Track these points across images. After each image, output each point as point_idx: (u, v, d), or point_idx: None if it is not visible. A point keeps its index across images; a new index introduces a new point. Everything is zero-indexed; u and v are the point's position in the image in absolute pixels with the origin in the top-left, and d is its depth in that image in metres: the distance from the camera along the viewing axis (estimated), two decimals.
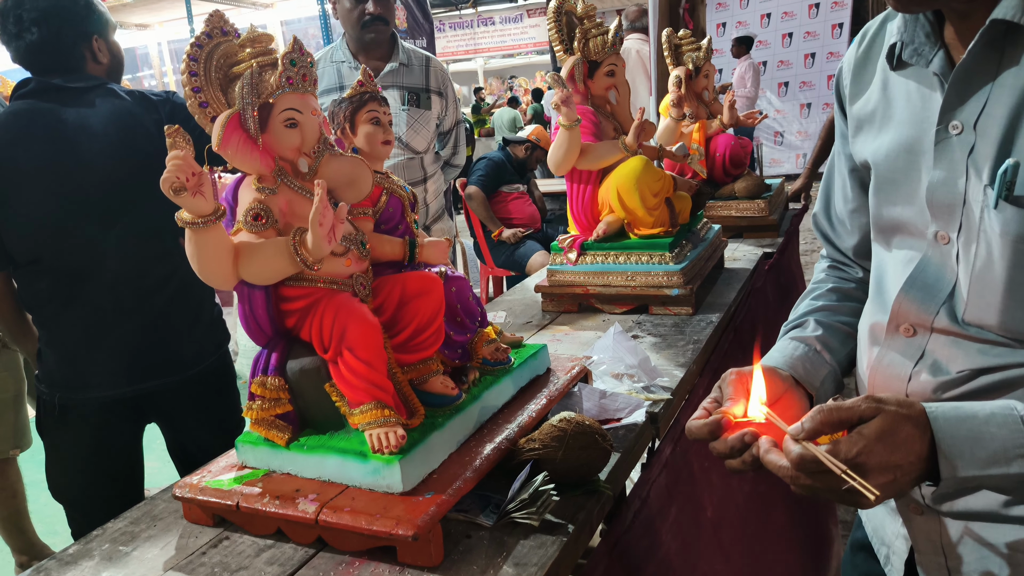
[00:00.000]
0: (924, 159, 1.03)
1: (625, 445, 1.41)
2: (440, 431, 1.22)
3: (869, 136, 1.15)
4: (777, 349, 1.22)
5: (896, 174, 1.08)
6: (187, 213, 1.10)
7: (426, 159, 3.12)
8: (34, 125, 1.99)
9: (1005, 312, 0.94)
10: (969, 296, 0.97)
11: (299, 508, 1.12)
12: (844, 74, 1.21)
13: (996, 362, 0.97)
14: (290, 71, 1.20)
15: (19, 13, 2.02)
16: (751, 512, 1.98)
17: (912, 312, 1.05)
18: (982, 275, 0.95)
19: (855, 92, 1.18)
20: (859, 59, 1.18)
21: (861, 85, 1.17)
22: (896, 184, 1.08)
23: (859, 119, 1.17)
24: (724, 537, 1.72)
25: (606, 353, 1.78)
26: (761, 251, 2.85)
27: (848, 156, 1.24)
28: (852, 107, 1.19)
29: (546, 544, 1.11)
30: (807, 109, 11.10)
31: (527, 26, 15.75)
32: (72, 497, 2.21)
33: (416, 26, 6.16)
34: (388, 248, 1.42)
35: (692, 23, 4.73)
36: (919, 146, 1.03)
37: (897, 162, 1.07)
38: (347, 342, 1.18)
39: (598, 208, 2.27)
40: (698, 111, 3.13)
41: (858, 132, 1.18)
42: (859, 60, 1.18)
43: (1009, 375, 0.96)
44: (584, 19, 2.19)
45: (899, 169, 1.07)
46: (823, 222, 1.36)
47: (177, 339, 2.18)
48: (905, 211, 1.07)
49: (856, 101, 1.18)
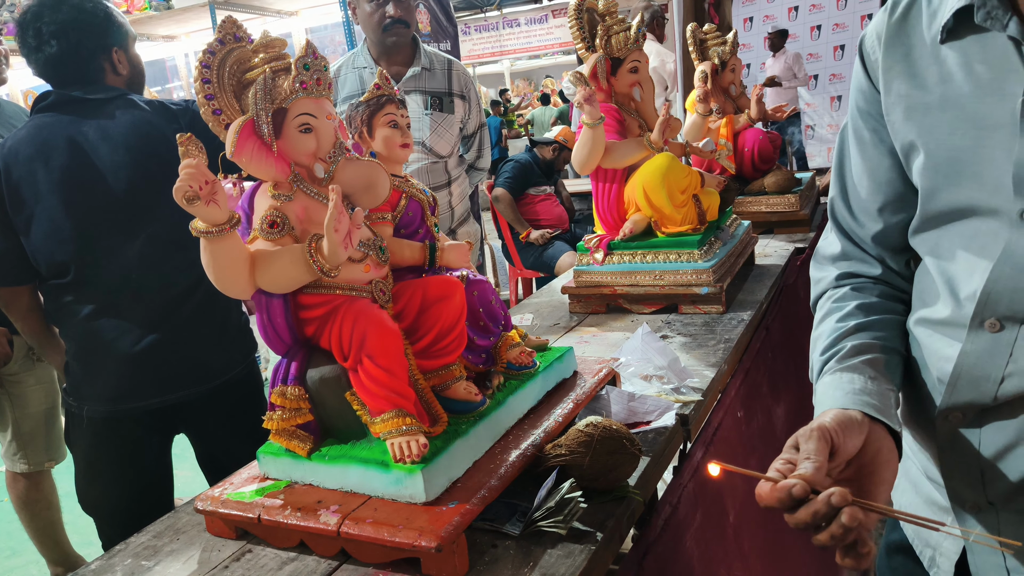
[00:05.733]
0: (999, 134, 0.94)
1: (655, 449, 1.38)
2: (464, 438, 1.19)
3: (916, 114, 1.05)
4: (831, 386, 1.03)
5: (961, 153, 0.99)
6: (201, 222, 1.09)
7: (450, 163, 3.10)
8: (55, 138, 1.99)
9: None
10: None
11: (321, 520, 1.10)
12: (872, 46, 1.11)
13: None
14: (304, 75, 1.18)
15: (39, 26, 2.02)
16: (771, 516, 1.93)
17: (1002, 304, 0.94)
18: None
19: (889, 65, 1.08)
20: (892, 29, 1.08)
21: (896, 58, 1.07)
22: (961, 164, 0.99)
23: (900, 96, 1.07)
24: (745, 542, 1.68)
25: (634, 354, 1.74)
26: (793, 246, 2.80)
27: (876, 134, 1.14)
28: (888, 82, 1.09)
29: (574, 553, 1.08)
30: (837, 102, 10.94)
31: (552, 26, 15.68)
32: (102, 509, 2.21)
33: (440, 30, 6.15)
34: (408, 253, 1.40)
35: (718, 18, 4.68)
36: (989, 120, 0.95)
37: (964, 140, 0.98)
38: (367, 349, 1.15)
39: (624, 207, 2.23)
40: (725, 106, 3.09)
41: (898, 110, 1.08)
42: (892, 30, 1.08)
43: None
44: (606, 16, 2.16)
45: (965, 148, 0.98)
46: (842, 210, 1.23)
47: (204, 349, 2.17)
48: (975, 193, 0.97)
49: (893, 75, 1.08)
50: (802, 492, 0.84)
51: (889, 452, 0.95)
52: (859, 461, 0.93)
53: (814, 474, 0.86)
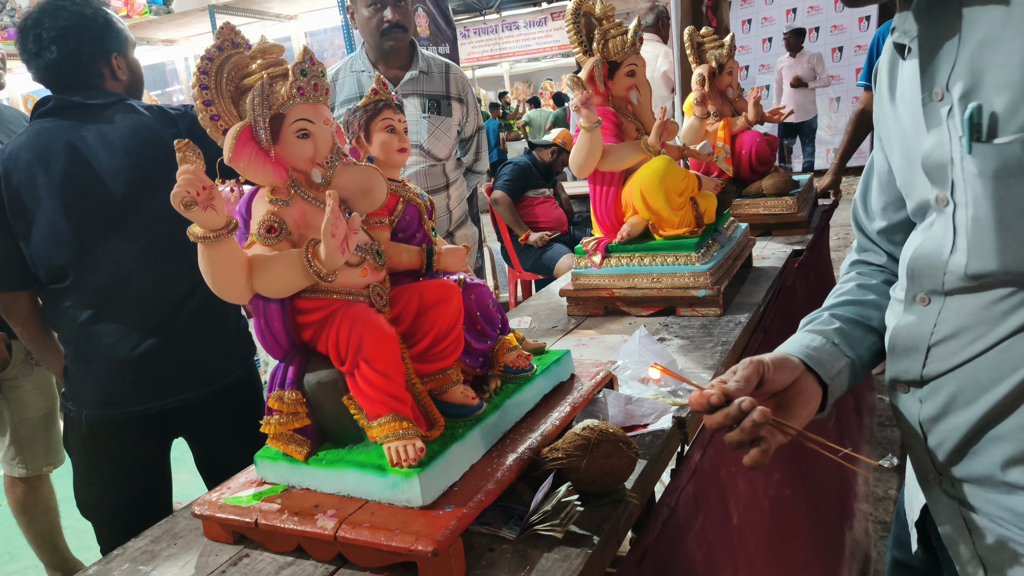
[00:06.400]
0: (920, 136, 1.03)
1: (652, 452, 1.38)
2: (461, 442, 1.20)
3: (882, 125, 1.17)
4: (792, 340, 1.20)
5: (911, 153, 1.07)
6: (198, 227, 1.09)
7: (448, 166, 3.10)
8: (54, 143, 2.00)
9: (1002, 253, 0.92)
10: (968, 247, 0.96)
11: (318, 524, 1.10)
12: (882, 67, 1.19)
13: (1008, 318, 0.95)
14: (301, 81, 1.19)
15: (39, 32, 2.03)
16: (775, 518, 1.94)
17: (924, 279, 1.03)
18: (975, 222, 0.94)
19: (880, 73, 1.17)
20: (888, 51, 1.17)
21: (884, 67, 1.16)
22: (912, 164, 1.07)
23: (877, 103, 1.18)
24: (748, 545, 1.68)
25: (632, 357, 1.75)
26: (790, 248, 2.81)
27: (880, 140, 1.23)
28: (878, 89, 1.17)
29: (571, 556, 1.09)
30: (836, 103, 10.96)
31: (551, 29, 15.69)
32: (100, 514, 2.21)
33: (439, 33, 6.14)
34: (405, 257, 1.40)
35: (715, 20, 4.68)
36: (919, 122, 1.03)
37: (909, 141, 1.07)
38: (363, 354, 1.16)
39: (622, 210, 2.24)
40: (722, 109, 3.09)
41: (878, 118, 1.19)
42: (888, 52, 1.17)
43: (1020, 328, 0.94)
44: (603, 20, 2.16)
45: (912, 148, 1.06)
46: (859, 209, 1.34)
47: (203, 353, 2.17)
48: (923, 190, 1.05)
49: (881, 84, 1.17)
50: (718, 400, 1.02)
51: (809, 396, 1.12)
52: (783, 396, 1.11)
53: (734, 389, 1.04)
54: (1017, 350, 0.94)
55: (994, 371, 0.96)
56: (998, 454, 0.98)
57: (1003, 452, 0.98)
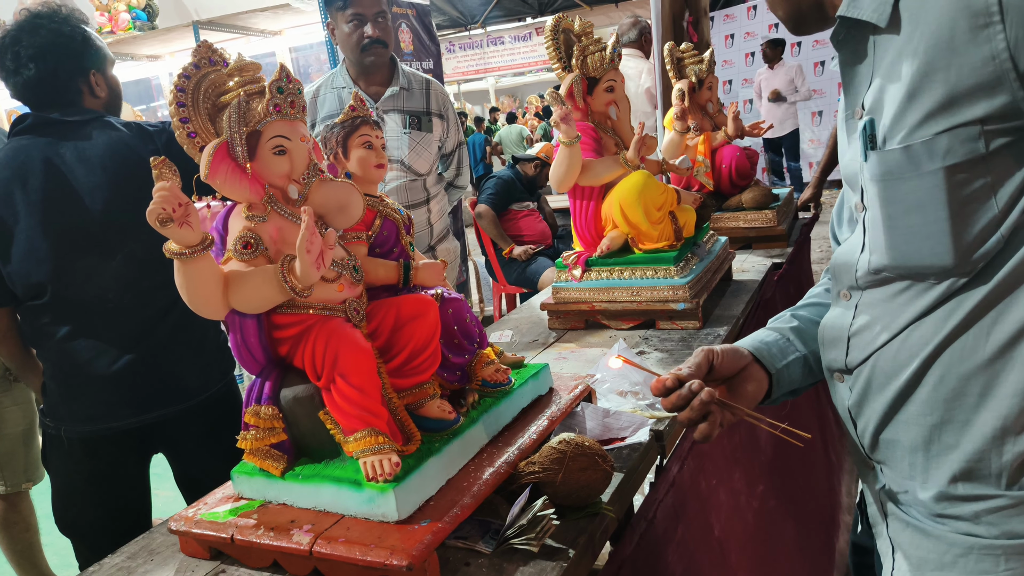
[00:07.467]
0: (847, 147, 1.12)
1: (629, 465, 1.39)
2: (437, 456, 1.20)
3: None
4: (750, 335, 1.31)
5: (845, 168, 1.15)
6: (174, 244, 1.10)
7: (429, 181, 3.11)
8: (32, 160, 2.00)
9: (891, 249, 1.01)
10: (869, 244, 1.05)
11: (293, 540, 1.11)
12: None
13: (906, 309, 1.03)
14: (277, 98, 1.20)
15: (17, 50, 2.03)
16: (759, 530, 1.94)
17: (844, 276, 1.13)
18: (871, 222, 1.04)
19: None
20: None
21: None
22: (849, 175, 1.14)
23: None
24: (732, 556, 1.69)
25: (611, 371, 1.75)
26: (770, 262, 2.82)
27: None
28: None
29: (546, 570, 1.09)
30: (818, 117, 11.03)
31: (536, 44, 15.73)
32: (79, 530, 2.19)
33: (423, 48, 6.16)
34: (382, 272, 1.41)
35: (696, 36, 4.71)
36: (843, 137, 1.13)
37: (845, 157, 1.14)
38: (339, 368, 1.16)
39: (601, 224, 2.25)
40: (702, 123, 3.11)
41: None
42: None
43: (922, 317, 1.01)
44: (581, 36, 2.18)
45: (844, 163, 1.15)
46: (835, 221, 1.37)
47: (182, 368, 2.17)
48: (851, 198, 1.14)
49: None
50: (673, 383, 1.14)
51: (756, 384, 1.23)
52: (732, 382, 1.23)
53: (687, 375, 1.15)
54: (915, 338, 1.02)
55: (898, 359, 1.04)
56: (906, 439, 1.06)
57: (909, 436, 1.05)
